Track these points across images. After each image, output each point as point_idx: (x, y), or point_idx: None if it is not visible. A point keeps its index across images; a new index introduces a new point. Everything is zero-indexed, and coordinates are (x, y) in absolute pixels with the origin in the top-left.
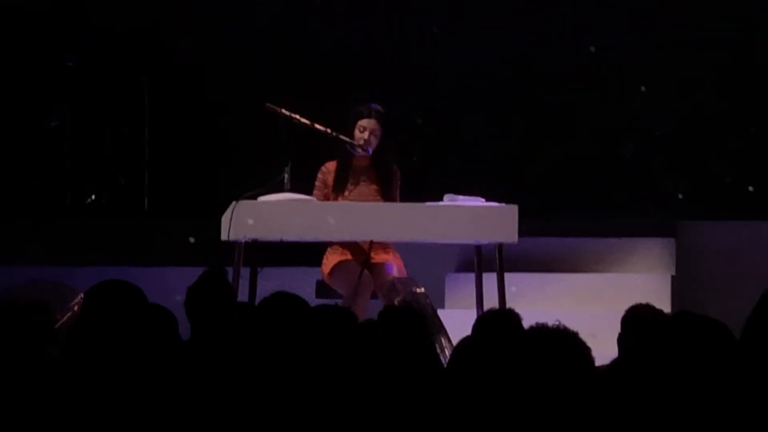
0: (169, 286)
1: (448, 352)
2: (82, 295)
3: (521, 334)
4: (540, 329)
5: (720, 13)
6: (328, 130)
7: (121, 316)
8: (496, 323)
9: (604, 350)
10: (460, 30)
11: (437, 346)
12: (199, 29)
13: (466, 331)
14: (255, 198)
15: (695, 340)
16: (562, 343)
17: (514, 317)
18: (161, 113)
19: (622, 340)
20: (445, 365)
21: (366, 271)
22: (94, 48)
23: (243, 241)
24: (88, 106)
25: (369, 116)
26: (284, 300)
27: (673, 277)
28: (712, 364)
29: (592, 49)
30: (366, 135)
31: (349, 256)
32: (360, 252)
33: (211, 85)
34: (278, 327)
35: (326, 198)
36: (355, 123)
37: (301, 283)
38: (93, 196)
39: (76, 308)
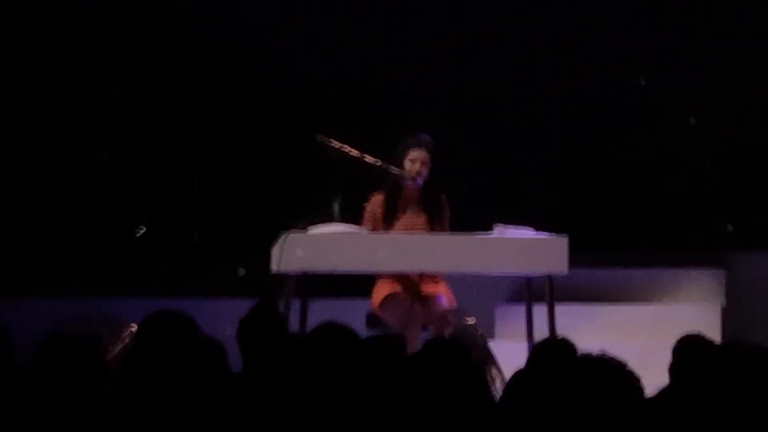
0: (220, 318)
1: (499, 383)
2: (134, 326)
3: (576, 364)
4: (592, 359)
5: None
6: (378, 162)
7: (175, 346)
8: (552, 353)
9: (654, 381)
10: (511, 63)
11: (488, 376)
12: (248, 63)
13: (517, 362)
14: (305, 230)
15: (746, 368)
16: (614, 373)
17: (569, 347)
18: (212, 147)
19: (673, 370)
20: (497, 396)
21: (416, 303)
22: (145, 83)
23: (293, 273)
24: (140, 141)
25: (419, 147)
26: (334, 331)
27: (723, 308)
28: (763, 393)
29: (642, 81)
30: (417, 166)
31: (399, 288)
32: (410, 284)
33: (261, 118)
34: (328, 358)
35: (375, 229)
36: (405, 154)
37: (352, 315)
38: (143, 228)
39: (127, 340)
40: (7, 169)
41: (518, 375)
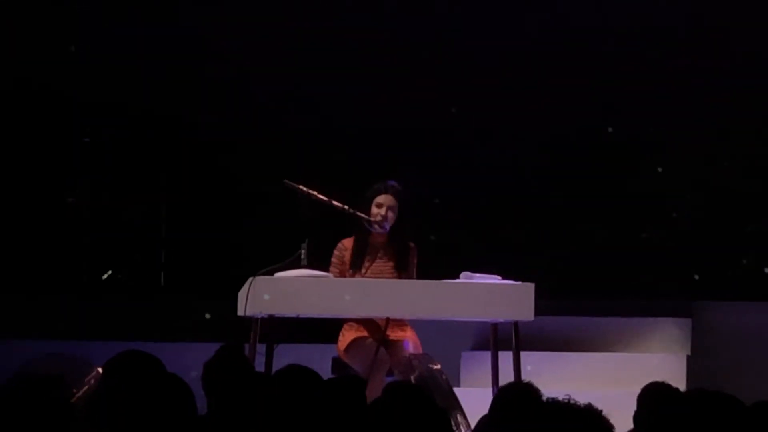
0: (186, 362)
1: (464, 429)
2: (98, 369)
3: (541, 409)
4: (561, 404)
5: (738, 97)
6: (346, 207)
7: (141, 385)
8: (516, 397)
9: (619, 429)
10: (477, 111)
11: (453, 423)
12: (216, 107)
13: (482, 409)
14: (272, 274)
15: (710, 415)
16: (585, 420)
17: (533, 392)
18: (178, 190)
19: (638, 418)
20: None
21: (382, 348)
22: (111, 124)
23: (259, 316)
24: (107, 183)
25: (386, 192)
26: (297, 372)
27: (688, 357)
28: None
29: (610, 129)
30: (383, 211)
31: (365, 333)
32: (376, 329)
33: (227, 163)
34: (292, 400)
35: (343, 275)
36: (372, 199)
37: (318, 359)
38: (110, 272)
39: (92, 382)
40: None
41: (483, 420)
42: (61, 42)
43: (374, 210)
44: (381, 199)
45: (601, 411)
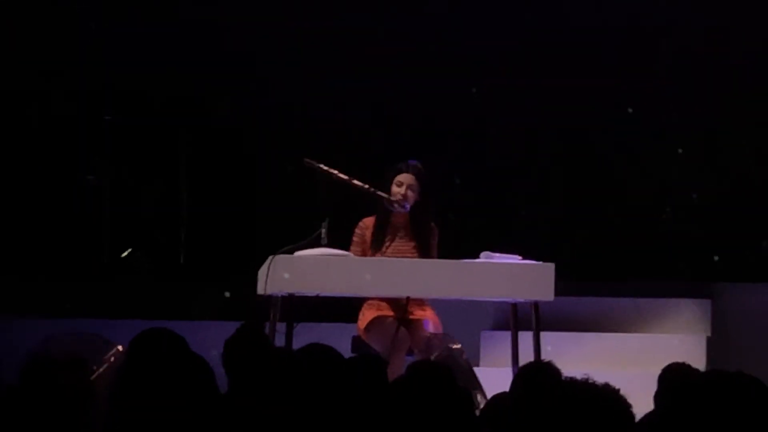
0: (206, 340)
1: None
2: (118, 347)
3: (560, 388)
4: (579, 383)
5: (758, 73)
6: (366, 186)
7: (162, 363)
8: (536, 377)
9: (639, 410)
10: (499, 90)
11: (473, 402)
12: (237, 86)
13: (502, 388)
14: (292, 253)
15: (730, 395)
16: (602, 399)
17: (553, 371)
18: (199, 170)
19: (658, 398)
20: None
21: (402, 327)
22: (133, 104)
23: (279, 295)
24: (127, 162)
25: (406, 171)
26: (318, 350)
27: (708, 338)
28: (749, 419)
29: (630, 110)
30: (403, 190)
31: (385, 312)
32: (397, 308)
33: (248, 142)
34: (313, 377)
35: (363, 254)
36: (392, 179)
37: (337, 338)
38: (129, 250)
39: (112, 360)
40: None
41: (499, 397)
42: (84, 20)
43: (394, 189)
44: (401, 178)
45: (618, 390)
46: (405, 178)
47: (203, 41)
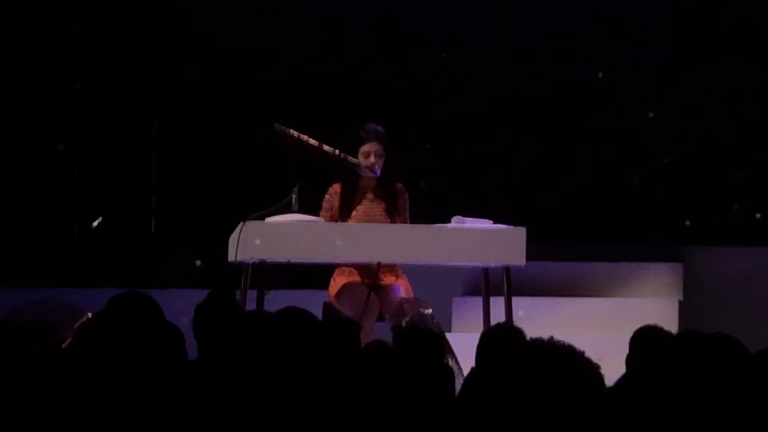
0: (176, 308)
1: (455, 374)
2: (88, 314)
3: (524, 350)
4: (543, 345)
5: (729, 39)
6: (336, 152)
7: (131, 328)
8: (500, 339)
9: (611, 374)
10: (468, 55)
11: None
12: (205, 53)
13: (473, 354)
14: (262, 219)
15: (702, 355)
16: (567, 359)
17: (517, 334)
18: (168, 136)
19: (630, 360)
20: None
21: (373, 293)
22: (102, 72)
23: (250, 262)
24: (96, 130)
25: (370, 140)
26: (293, 313)
27: (680, 302)
28: (724, 376)
29: (600, 74)
30: (372, 158)
31: (356, 278)
32: (367, 274)
33: (218, 107)
34: (287, 341)
35: (333, 219)
36: (357, 148)
37: (309, 305)
38: (100, 219)
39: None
40: None
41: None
42: None
43: (362, 159)
44: (367, 147)
45: (583, 352)
46: (370, 146)
47: (171, 10)
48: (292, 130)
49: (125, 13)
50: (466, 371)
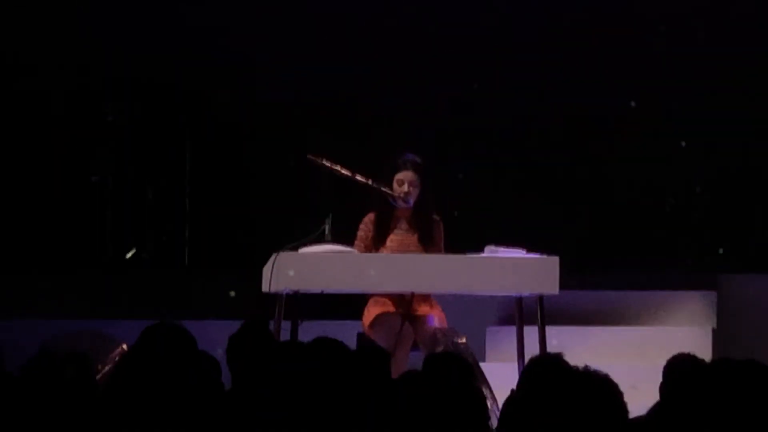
0: (210, 339)
1: (490, 404)
2: (123, 345)
3: (570, 380)
4: (584, 374)
5: (763, 67)
6: (369, 181)
7: (173, 357)
8: (544, 371)
9: (645, 403)
10: (500, 85)
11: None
12: (240, 83)
13: (507, 383)
14: (296, 249)
15: (736, 383)
16: (595, 387)
17: (562, 364)
18: (202, 166)
19: (664, 389)
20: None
21: (407, 323)
22: (136, 103)
23: (284, 292)
24: (130, 160)
25: (405, 168)
26: (325, 343)
27: (714, 330)
28: (757, 404)
29: (633, 103)
30: (405, 188)
31: (390, 308)
32: (401, 304)
33: (252, 138)
34: (320, 371)
35: (367, 249)
36: (392, 176)
37: (342, 335)
38: (133, 250)
39: (117, 358)
40: None
41: (512, 397)
42: (84, 18)
43: (396, 187)
44: (401, 175)
45: (606, 375)
46: (405, 175)
47: (203, 39)
48: (325, 160)
49: (156, 41)
50: (500, 400)
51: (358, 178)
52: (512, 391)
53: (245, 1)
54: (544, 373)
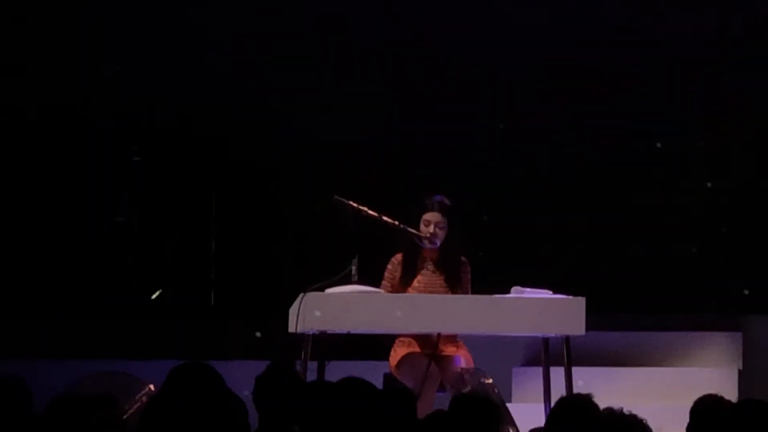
0: (237, 379)
1: None
2: (150, 386)
3: (597, 421)
4: (614, 415)
5: None
6: (396, 223)
7: (202, 398)
8: (573, 411)
9: None
10: (527, 125)
11: None
12: (265, 124)
13: (533, 424)
14: (323, 290)
15: (762, 423)
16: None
17: (590, 404)
18: (228, 208)
19: (691, 430)
20: None
21: (433, 363)
22: (161, 144)
23: (311, 333)
24: (155, 202)
25: (433, 209)
26: (354, 385)
27: (740, 371)
28: None
29: (658, 145)
30: (432, 228)
31: (416, 349)
32: (428, 344)
33: (277, 179)
34: (347, 412)
35: (394, 290)
36: (420, 217)
37: (369, 376)
38: (159, 291)
39: (144, 399)
40: (25, 230)
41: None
42: (109, 62)
43: (423, 228)
44: (429, 216)
45: (636, 416)
46: (432, 216)
47: (227, 80)
48: (351, 201)
49: (180, 83)
50: None
51: (385, 219)
52: (540, 430)
53: (269, 43)
54: (573, 413)
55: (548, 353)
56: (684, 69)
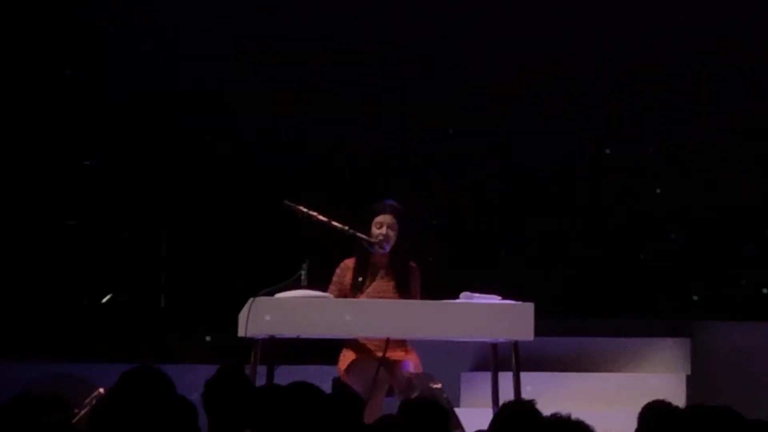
0: (186, 383)
1: None
2: (100, 389)
3: (541, 426)
4: (559, 420)
5: (735, 115)
6: (346, 228)
7: (151, 401)
8: (516, 416)
9: None
10: (474, 130)
11: None
12: (218, 129)
13: (482, 428)
14: (272, 294)
15: (712, 428)
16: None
17: (533, 410)
18: (179, 212)
19: None
20: None
21: (382, 368)
22: (113, 148)
23: (260, 337)
24: (107, 205)
25: (384, 212)
26: (302, 389)
27: (688, 377)
28: None
29: (607, 151)
30: (383, 230)
31: (365, 354)
32: (377, 349)
33: (229, 183)
34: (295, 416)
35: (342, 294)
36: (371, 220)
37: (318, 381)
38: (110, 296)
39: (94, 402)
40: None
41: None
42: (59, 65)
43: (374, 230)
44: (380, 218)
45: (579, 421)
46: (384, 218)
47: (179, 83)
48: (301, 207)
49: (133, 85)
50: None
51: (334, 223)
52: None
53: (223, 46)
54: (516, 418)
55: (497, 358)
56: (632, 75)
